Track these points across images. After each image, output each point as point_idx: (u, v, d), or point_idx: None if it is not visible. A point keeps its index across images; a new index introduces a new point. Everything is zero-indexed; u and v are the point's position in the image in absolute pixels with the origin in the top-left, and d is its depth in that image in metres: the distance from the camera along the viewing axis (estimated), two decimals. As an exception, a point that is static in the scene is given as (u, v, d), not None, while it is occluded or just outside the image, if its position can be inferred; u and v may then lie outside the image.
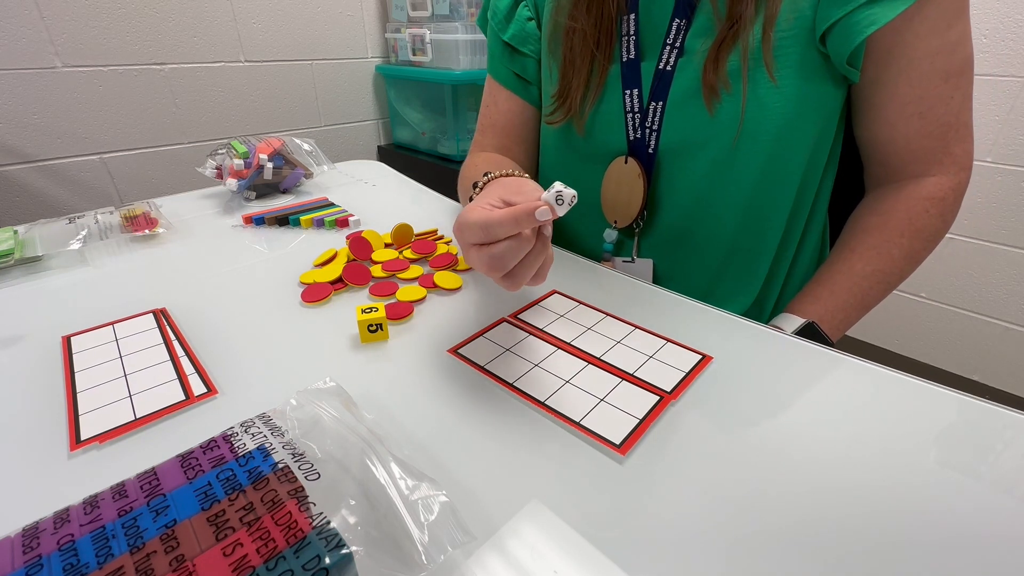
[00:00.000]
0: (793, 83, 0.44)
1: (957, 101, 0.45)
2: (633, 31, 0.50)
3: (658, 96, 0.49)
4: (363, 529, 0.21)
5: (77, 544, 0.21)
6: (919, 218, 0.48)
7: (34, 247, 0.53)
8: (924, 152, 0.48)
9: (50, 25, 1.03)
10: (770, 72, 0.44)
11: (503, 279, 0.35)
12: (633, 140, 0.52)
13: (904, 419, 0.31)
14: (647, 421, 0.31)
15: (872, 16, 0.40)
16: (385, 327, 0.39)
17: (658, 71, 0.49)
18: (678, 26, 0.48)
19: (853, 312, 0.50)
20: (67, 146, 1.12)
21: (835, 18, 0.41)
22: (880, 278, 0.49)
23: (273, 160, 0.70)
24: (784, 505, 0.26)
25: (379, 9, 1.51)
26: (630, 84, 0.51)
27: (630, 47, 0.50)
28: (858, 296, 0.49)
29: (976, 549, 0.24)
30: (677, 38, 0.48)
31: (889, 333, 1.52)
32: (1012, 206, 1.24)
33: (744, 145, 0.47)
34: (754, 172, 0.48)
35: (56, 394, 0.33)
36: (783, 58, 0.44)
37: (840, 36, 0.42)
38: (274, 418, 0.28)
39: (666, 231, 0.54)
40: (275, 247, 0.57)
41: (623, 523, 0.25)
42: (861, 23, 0.41)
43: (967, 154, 0.48)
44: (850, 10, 0.40)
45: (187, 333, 0.40)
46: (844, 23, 0.41)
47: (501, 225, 0.32)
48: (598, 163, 0.55)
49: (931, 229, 0.49)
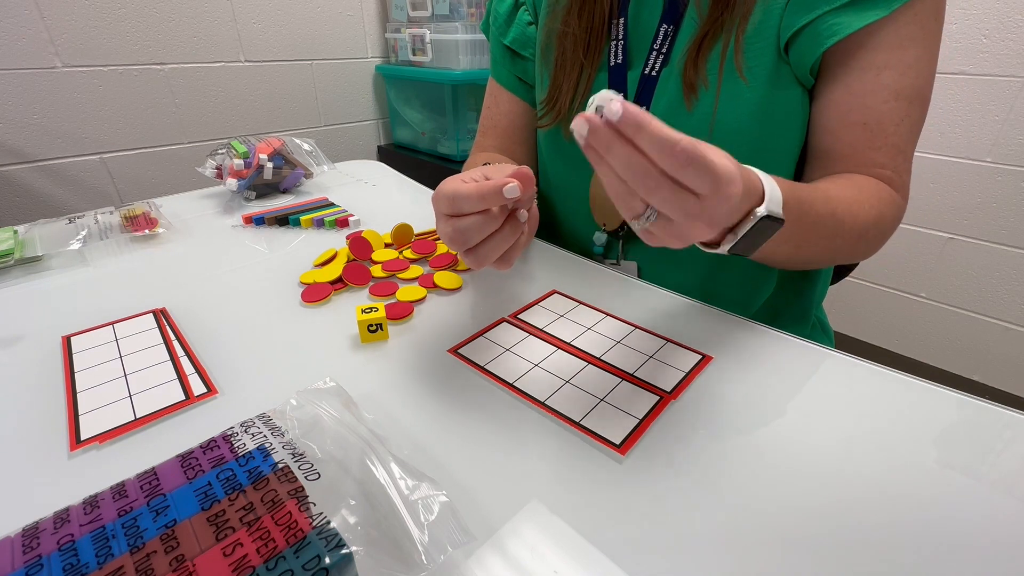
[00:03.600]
0: (763, 86, 0.44)
1: (905, 129, 0.43)
2: (622, 35, 0.50)
3: (642, 101, 0.50)
4: (363, 529, 0.21)
5: (77, 544, 0.21)
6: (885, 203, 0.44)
7: (34, 247, 0.53)
8: (873, 164, 0.44)
9: (50, 25, 1.03)
10: (740, 72, 0.44)
11: (465, 254, 0.35)
12: None
13: (904, 419, 0.31)
14: (647, 421, 0.31)
15: (837, 25, 0.40)
16: (385, 327, 0.39)
17: (643, 76, 0.49)
18: (665, 32, 0.48)
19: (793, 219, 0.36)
20: (67, 146, 1.12)
21: (799, 25, 0.41)
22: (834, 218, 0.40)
23: (273, 160, 0.70)
24: (784, 505, 0.26)
25: (379, 9, 1.51)
26: (615, 88, 0.50)
27: (618, 52, 0.51)
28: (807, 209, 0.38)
29: (976, 549, 0.24)
30: (664, 43, 0.48)
31: (889, 333, 1.52)
32: (1012, 206, 1.24)
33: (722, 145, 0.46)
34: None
35: (56, 394, 0.33)
36: (753, 60, 0.44)
37: (804, 44, 0.42)
38: (274, 418, 0.28)
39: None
40: (275, 247, 0.57)
41: (623, 523, 0.25)
42: (824, 32, 0.40)
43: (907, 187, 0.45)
44: (815, 16, 0.40)
45: (187, 333, 0.40)
46: (809, 31, 0.41)
47: (468, 199, 0.32)
48: (585, 167, 0.55)
49: (886, 222, 0.44)
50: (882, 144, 0.44)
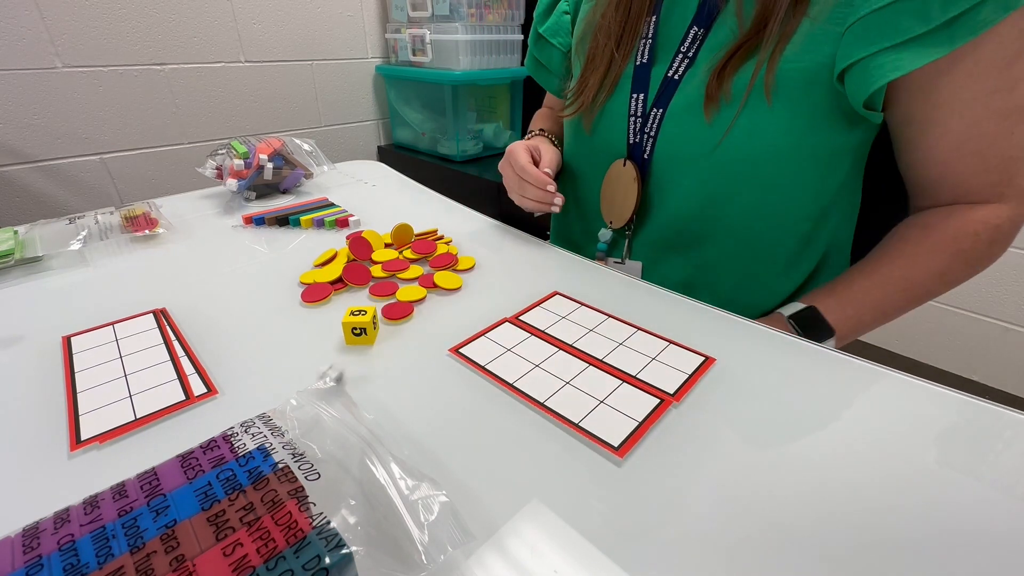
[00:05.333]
0: (790, 113, 0.43)
1: (1019, 137, 0.42)
2: (651, 34, 0.50)
3: (661, 103, 0.49)
4: (363, 529, 0.21)
5: (77, 544, 0.21)
6: (966, 239, 0.45)
7: (34, 247, 0.53)
8: (985, 185, 0.44)
9: (50, 25, 1.03)
10: (768, 94, 0.42)
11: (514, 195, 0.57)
12: (632, 144, 0.52)
13: (904, 419, 0.31)
14: (647, 423, 0.31)
15: (898, 61, 0.38)
16: (371, 333, 0.39)
17: (666, 78, 0.49)
18: (695, 35, 0.47)
19: (867, 313, 0.47)
20: (67, 146, 1.12)
21: (857, 57, 0.39)
22: (904, 286, 0.46)
23: (273, 160, 0.70)
24: (783, 505, 0.26)
25: (379, 9, 1.51)
26: (638, 88, 0.51)
27: (645, 50, 0.50)
28: (876, 298, 0.47)
29: (976, 549, 0.24)
30: (692, 47, 0.47)
31: (889, 333, 1.52)
32: (1012, 206, 1.24)
33: (736, 165, 0.46)
34: (748, 196, 0.47)
35: (56, 394, 0.33)
36: (784, 86, 0.42)
37: (859, 77, 0.40)
38: (274, 418, 0.28)
39: (655, 237, 0.55)
40: (275, 247, 0.57)
41: (624, 523, 0.25)
42: (884, 67, 0.39)
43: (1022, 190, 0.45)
44: (875, 51, 0.38)
45: (187, 333, 0.40)
46: (866, 64, 0.39)
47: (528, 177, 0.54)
48: (600, 162, 0.56)
49: (975, 253, 0.45)
50: (995, 163, 0.43)
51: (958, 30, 0.37)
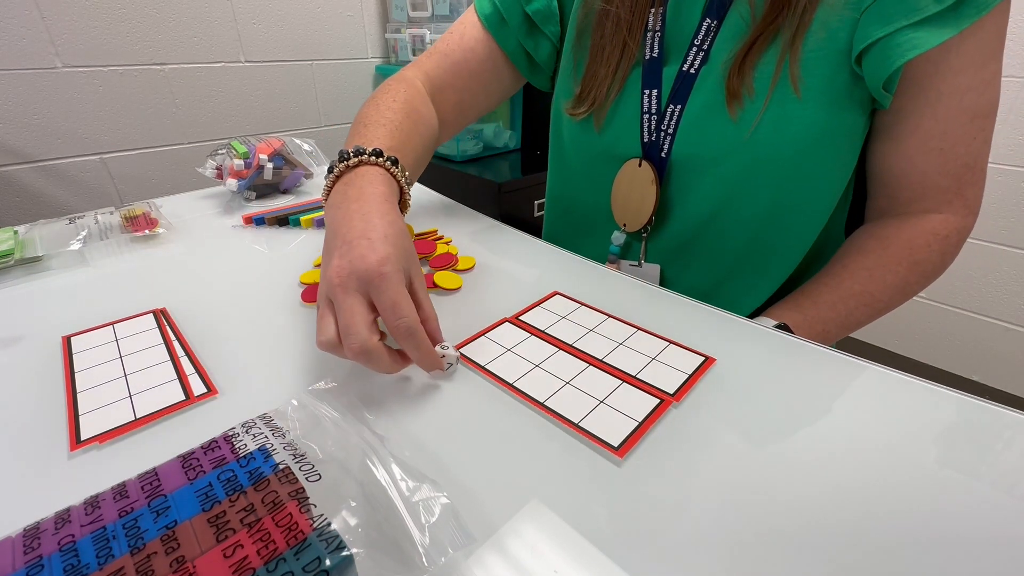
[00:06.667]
0: (817, 103, 0.42)
1: (979, 143, 0.43)
2: (659, 27, 0.48)
3: (678, 99, 0.47)
4: (364, 531, 0.21)
5: (78, 545, 0.21)
6: (919, 250, 0.47)
7: (34, 247, 0.53)
8: (937, 190, 0.46)
9: (50, 25, 1.03)
10: (795, 86, 0.42)
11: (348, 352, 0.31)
12: (647, 142, 0.50)
13: (904, 419, 0.31)
14: (647, 423, 0.31)
15: (916, 40, 0.38)
16: None
17: (681, 72, 0.47)
18: (708, 27, 0.45)
19: (832, 327, 0.48)
20: (67, 146, 1.12)
21: (875, 37, 0.39)
22: (867, 300, 0.48)
23: (273, 160, 0.70)
24: (783, 505, 0.26)
25: (379, 9, 1.51)
26: (649, 84, 0.49)
27: (654, 44, 0.48)
28: (841, 313, 0.48)
29: (976, 549, 0.24)
30: (705, 40, 0.46)
31: (889, 333, 1.52)
32: (1012, 206, 1.24)
33: (763, 162, 0.45)
34: (771, 192, 0.47)
35: (56, 394, 0.33)
36: (810, 76, 0.42)
37: (878, 57, 0.40)
38: (275, 419, 0.28)
39: (674, 239, 0.53)
40: (275, 247, 0.57)
41: (624, 523, 0.25)
42: (903, 45, 0.39)
43: (977, 199, 0.47)
44: (893, 30, 0.38)
45: (187, 333, 0.40)
46: (885, 43, 0.39)
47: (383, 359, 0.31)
48: (611, 162, 0.53)
49: (928, 264, 0.47)
50: (952, 167, 0.44)
51: (965, 10, 0.38)
